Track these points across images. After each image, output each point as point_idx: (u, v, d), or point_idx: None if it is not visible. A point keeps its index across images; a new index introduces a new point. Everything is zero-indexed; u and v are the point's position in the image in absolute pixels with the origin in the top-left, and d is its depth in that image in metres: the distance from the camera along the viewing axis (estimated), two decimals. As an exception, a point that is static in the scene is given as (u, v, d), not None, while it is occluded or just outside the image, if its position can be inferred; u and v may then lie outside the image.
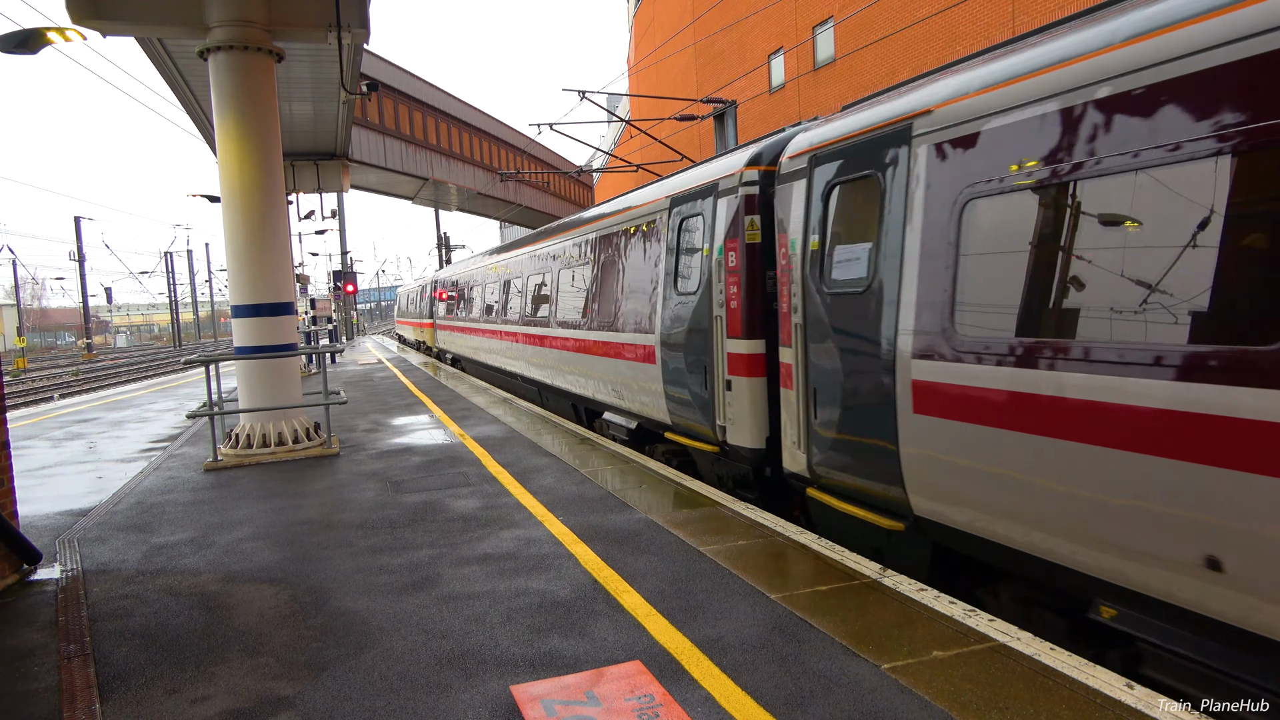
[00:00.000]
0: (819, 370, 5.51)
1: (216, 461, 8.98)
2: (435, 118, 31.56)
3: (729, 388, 6.75)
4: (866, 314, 4.98)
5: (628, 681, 3.43)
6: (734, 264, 6.66)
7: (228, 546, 5.81)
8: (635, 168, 19.51)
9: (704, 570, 4.76)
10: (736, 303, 6.63)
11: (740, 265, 6.59)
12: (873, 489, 5.04)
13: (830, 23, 22.58)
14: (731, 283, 6.69)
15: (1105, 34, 3.61)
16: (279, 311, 9.54)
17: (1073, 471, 3.61)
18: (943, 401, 4.32)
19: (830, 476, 5.50)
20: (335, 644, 4.00)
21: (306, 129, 18.19)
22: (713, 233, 7.01)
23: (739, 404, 6.64)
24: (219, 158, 9.46)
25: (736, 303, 6.63)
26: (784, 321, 5.95)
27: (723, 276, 6.80)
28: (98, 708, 3.47)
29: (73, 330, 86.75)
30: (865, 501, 5.18)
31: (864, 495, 5.16)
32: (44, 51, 9.12)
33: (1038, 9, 15.38)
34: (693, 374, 7.40)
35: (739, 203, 6.66)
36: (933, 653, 3.56)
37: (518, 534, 5.70)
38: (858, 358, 5.09)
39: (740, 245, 6.60)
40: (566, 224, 12.40)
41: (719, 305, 6.86)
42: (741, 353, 6.61)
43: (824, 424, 5.48)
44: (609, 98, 44.05)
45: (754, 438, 6.61)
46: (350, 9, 9.66)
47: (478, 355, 19.12)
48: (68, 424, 13.62)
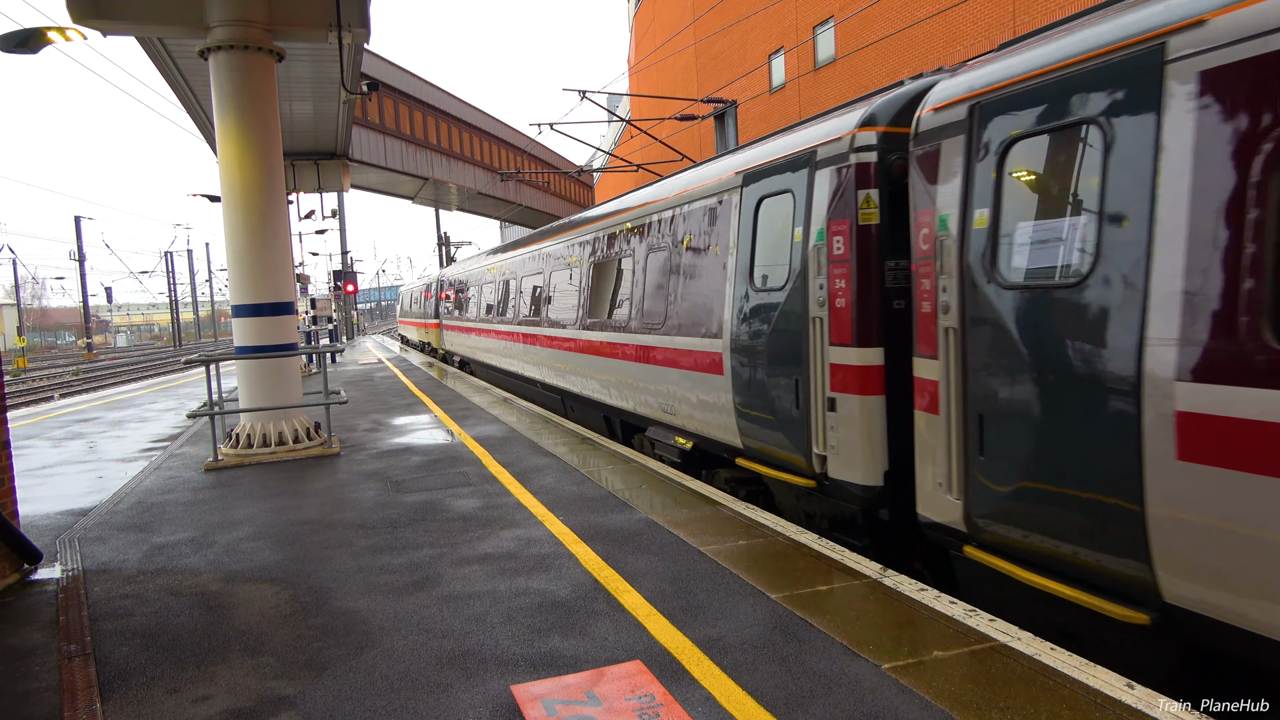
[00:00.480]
0: (988, 391, 4.18)
1: (217, 461, 8.98)
2: (436, 117, 31.56)
3: (831, 407, 5.50)
4: (1082, 315, 3.69)
5: (628, 681, 3.43)
6: (841, 251, 5.43)
7: (228, 546, 5.81)
8: (636, 168, 19.51)
9: (704, 570, 4.76)
10: (845, 300, 5.39)
11: (850, 252, 5.36)
12: (1087, 560, 3.71)
13: (831, 23, 22.58)
14: (837, 274, 5.45)
15: None
16: (279, 311, 9.54)
17: None
18: (1234, 444, 3.05)
19: (1005, 535, 4.14)
20: (336, 644, 4.00)
21: (307, 128, 18.20)
22: (808, 213, 5.75)
23: (847, 428, 5.39)
24: (219, 157, 9.46)
25: (845, 300, 5.39)
26: (922, 324, 4.70)
27: (823, 267, 5.57)
28: (98, 707, 3.47)
29: (73, 330, 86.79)
30: (1071, 576, 3.85)
31: (1069, 567, 3.83)
32: (44, 51, 9.13)
33: (1038, 9, 15.39)
34: (777, 388, 6.11)
35: (849, 174, 5.40)
36: (933, 652, 3.56)
37: (518, 534, 5.71)
38: (1066, 376, 3.75)
39: (851, 227, 5.37)
40: (594, 215, 10.99)
41: (818, 303, 5.62)
42: (851, 363, 5.35)
43: (997, 464, 4.14)
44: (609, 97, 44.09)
45: (867, 471, 5.33)
46: (351, 9, 9.67)
47: (488, 358, 17.75)
48: (68, 424, 13.62)
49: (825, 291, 5.56)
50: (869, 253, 5.32)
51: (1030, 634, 3.73)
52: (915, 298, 4.77)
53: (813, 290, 5.68)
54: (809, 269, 5.72)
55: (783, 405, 6.05)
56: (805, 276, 5.77)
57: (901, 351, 5.11)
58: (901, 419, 5.16)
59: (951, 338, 4.43)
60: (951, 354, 4.43)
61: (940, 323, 4.53)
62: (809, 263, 5.72)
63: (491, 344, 17.16)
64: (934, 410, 4.58)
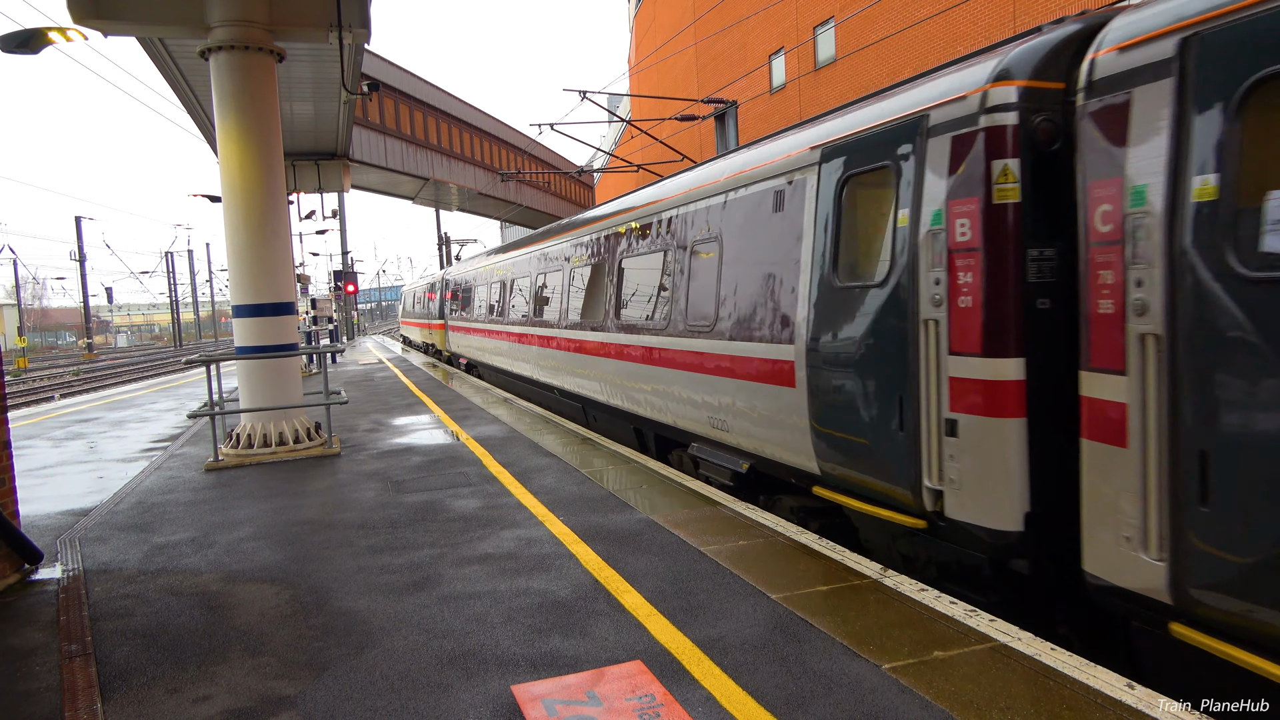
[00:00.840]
0: (1218, 420, 3.22)
1: (217, 461, 8.98)
2: (436, 118, 31.58)
3: (951, 431, 4.47)
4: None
5: (629, 681, 3.43)
6: (967, 237, 4.38)
7: (229, 546, 5.82)
8: (636, 168, 19.53)
9: (705, 570, 4.76)
10: (972, 298, 4.34)
11: (981, 239, 4.30)
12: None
13: (831, 23, 22.59)
14: (961, 266, 4.41)
15: None
16: (280, 311, 9.55)
17: None
18: None
19: (1246, 617, 3.13)
20: (336, 644, 4.00)
21: (307, 129, 18.21)
22: (917, 192, 4.74)
23: (973, 458, 4.36)
24: (220, 157, 9.47)
25: (972, 298, 4.34)
26: (1099, 329, 3.74)
27: (941, 257, 4.54)
28: (99, 707, 3.47)
29: (73, 330, 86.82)
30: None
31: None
32: (45, 51, 9.14)
33: (1039, 9, 15.40)
34: (871, 405, 5.08)
35: (979, 141, 4.33)
36: (934, 653, 3.56)
37: (519, 534, 5.71)
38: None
39: (981, 207, 4.31)
40: (626, 206, 9.76)
41: (932, 302, 4.59)
42: (981, 377, 4.29)
43: (1232, 519, 3.18)
44: (610, 98, 44.09)
45: (1002, 513, 4.25)
46: (351, 9, 9.67)
47: (497, 361, 16.62)
48: (69, 424, 13.62)
49: (943, 288, 4.50)
50: (1006, 239, 4.25)
51: (1030, 634, 3.73)
52: (1086, 295, 3.79)
53: (924, 286, 4.63)
54: (918, 260, 4.68)
55: (879, 426, 4.99)
56: (913, 269, 4.72)
57: (1048, 363, 4.18)
58: (1049, 447, 4.17)
59: (1151, 347, 3.47)
60: (1151, 369, 3.48)
61: (1132, 328, 3.55)
62: (919, 253, 4.68)
63: (502, 346, 16.11)
64: (1118, 441, 3.62)
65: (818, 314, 5.61)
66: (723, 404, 6.91)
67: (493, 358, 17.25)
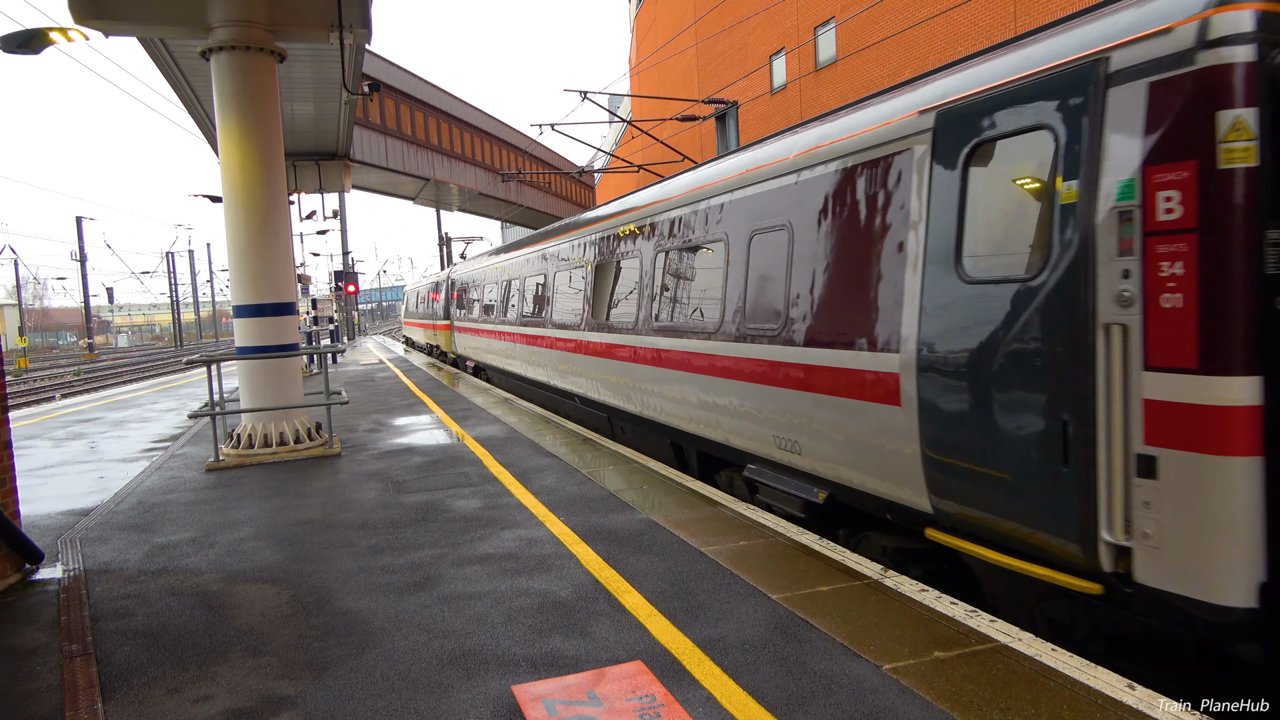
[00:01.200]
0: None
1: (218, 461, 8.98)
2: (437, 118, 31.59)
3: (1148, 471, 3.44)
4: None
5: (629, 681, 3.43)
6: (1176, 214, 3.35)
7: (229, 546, 5.82)
8: (637, 168, 19.55)
9: (705, 570, 4.76)
10: (1184, 295, 3.31)
11: (1198, 216, 3.28)
12: None
13: (832, 23, 22.60)
14: (1166, 253, 3.37)
15: None
16: (281, 311, 9.55)
17: None
18: None
19: None
20: (337, 644, 4.00)
21: (308, 129, 18.22)
22: (1093, 158, 3.68)
23: (1184, 508, 3.33)
24: (221, 158, 9.48)
25: (1184, 295, 3.31)
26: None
27: (1134, 244, 3.49)
28: (99, 707, 3.48)
29: (74, 330, 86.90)
30: None
31: None
32: (46, 51, 9.15)
33: (1039, 9, 15.40)
34: (1019, 431, 3.98)
35: (1194, 86, 3.31)
36: (934, 653, 3.56)
37: (519, 534, 5.71)
38: None
39: (1198, 175, 3.28)
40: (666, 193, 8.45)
41: (1118, 301, 3.54)
42: (1199, 402, 3.27)
43: None
44: (610, 98, 44.11)
45: (1227, 583, 3.23)
46: (352, 9, 9.68)
47: (509, 364, 15.47)
48: (69, 424, 13.63)
49: (1135, 282, 3.48)
50: (1236, 216, 3.22)
51: (1031, 634, 3.73)
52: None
53: (1104, 280, 3.60)
54: (1095, 246, 3.65)
55: (1030, 459, 3.92)
56: (1086, 259, 3.69)
57: None
58: None
59: None
60: None
61: None
62: (1095, 237, 3.65)
63: (515, 349, 14.77)
64: None
65: (934, 316, 4.55)
66: (793, 421, 5.90)
67: (504, 361, 16.08)
